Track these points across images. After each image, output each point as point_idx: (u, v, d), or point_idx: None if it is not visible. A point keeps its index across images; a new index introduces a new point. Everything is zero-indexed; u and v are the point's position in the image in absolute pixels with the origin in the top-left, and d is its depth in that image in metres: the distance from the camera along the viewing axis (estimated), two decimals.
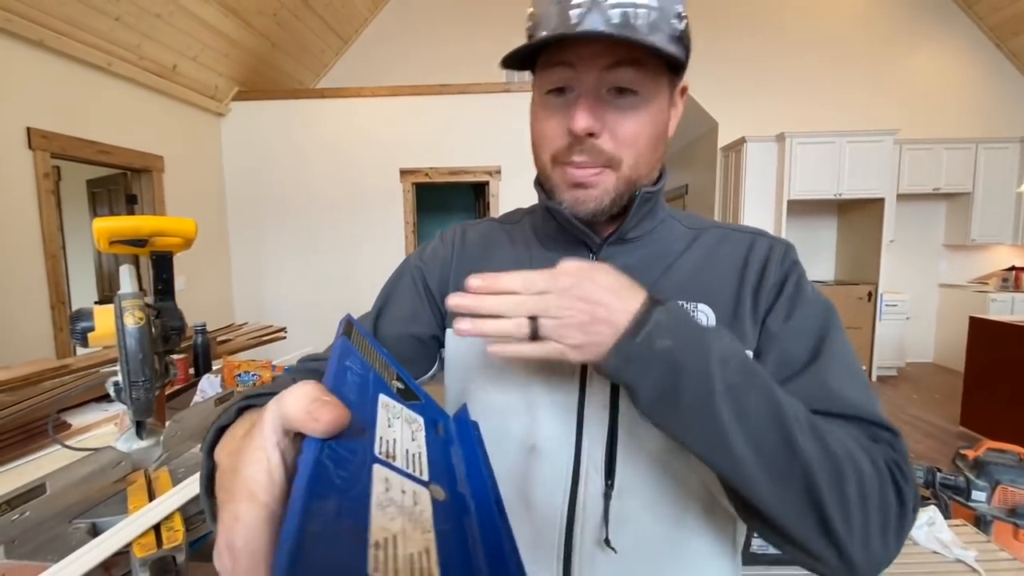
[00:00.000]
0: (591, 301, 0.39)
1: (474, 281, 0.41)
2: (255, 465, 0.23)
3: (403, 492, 0.23)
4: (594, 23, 0.43)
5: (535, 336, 0.40)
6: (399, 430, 0.27)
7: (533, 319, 0.40)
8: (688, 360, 0.38)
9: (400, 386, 0.34)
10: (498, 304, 0.40)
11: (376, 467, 0.23)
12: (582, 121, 0.45)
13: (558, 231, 0.56)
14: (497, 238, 0.63)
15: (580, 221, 0.51)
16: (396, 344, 0.59)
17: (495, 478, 0.30)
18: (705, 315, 0.51)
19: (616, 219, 0.53)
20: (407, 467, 0.25)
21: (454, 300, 0.41)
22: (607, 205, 0.50)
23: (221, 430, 0.35)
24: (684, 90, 0.54)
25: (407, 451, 0.26)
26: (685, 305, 0.51)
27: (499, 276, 0.41)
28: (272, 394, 0.35)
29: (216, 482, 0.31)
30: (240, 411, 0.37)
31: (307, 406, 0.22)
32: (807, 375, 0.47)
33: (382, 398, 0.29)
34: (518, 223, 0.65)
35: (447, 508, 0.24)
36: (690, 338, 0.39)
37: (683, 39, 0.47)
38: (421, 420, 0.31)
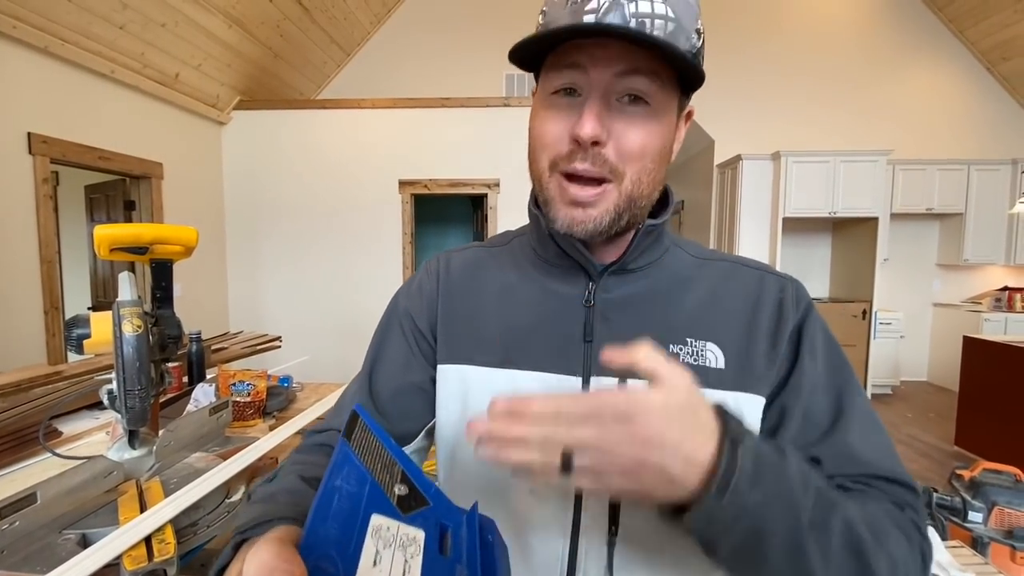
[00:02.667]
0: (643, 442, 0.32)
1: (499, 406, 0.35)
2: None
3: None
4: (613, 21, 0.41)
5: (567, 468, 0.34)
6: (387, 565, 0.25)
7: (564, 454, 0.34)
8: (778, 513, 0.34)
9: (403, 491, 0.31)
10: (525, 434, 0.34)
11: None
12: (589, 128, 0.42)
13: (558, 256, 0.53)
14: (483, 263, 0.60)
15: (579, 242, 0.49)
16: (394, 399, 0.56)
17: None
18: (714, 355, 0.49)
19: (614, 241, 0.51)
20: None
21: (478, 428, 0.35)
22: (606, 226, 0.47)
23: (220, 572, 0.34)
24: (690, 115, 0.52)
25: None
26: (693, 344, 0.49)
27: (529, 401, 0.34)
28: (268, 522, 0.36)
29: None
30: (237, 547, 0.36)
31: None
32: (833, 437, 0.46)
33: (374, 521, 0.27)
34: (507, 245, 0.61)
35: None
36: (778, 484, 0.35)
37: (698, 57, 0.45)
38: (421, 537, 0.28)
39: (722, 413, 0.36)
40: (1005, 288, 4.88)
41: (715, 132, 5.07)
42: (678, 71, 0.45)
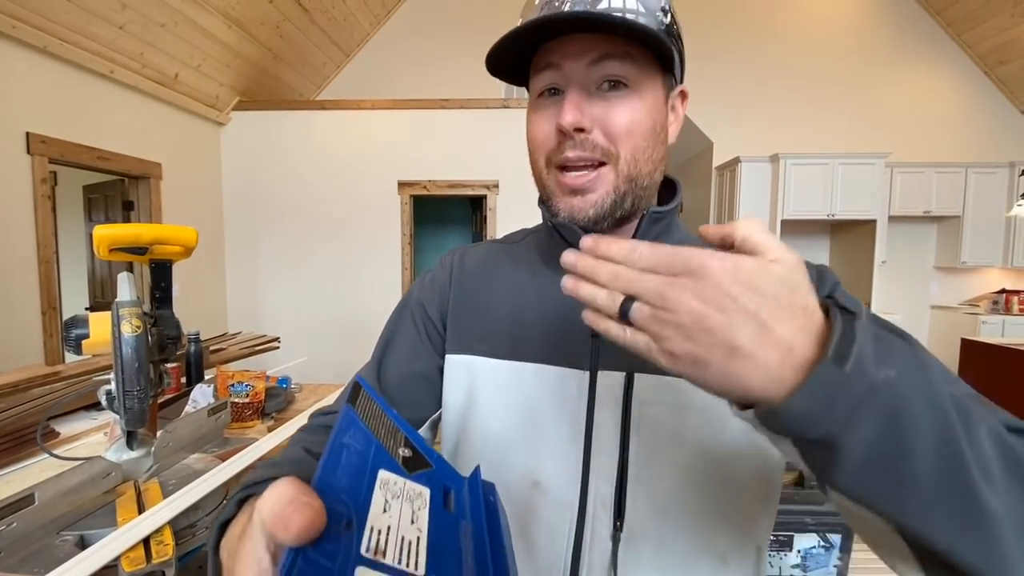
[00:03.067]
0: (708, 300, 0.28)
1: (586, 241, 0.33)
2: (247, 571, 0.22)
3: None
4: (575, 8, 0.42)
5: (625, 318, 0.31)
6: (396, 513, 0.26)
7: (630, 298, 0.31)
8: (920, 399, 0.26)
9: (407, 453, 0.32)
10: (597, 269, 0.32)
11: (360, 570, 0.21)
12: (569, 116, 0.44)
13: (567, 245, 0.53)
14: (497, 259, 0.60)
15: (585, 231, 0.49)
16: (401, 385, 0.57)
17: (511, 555, 0.27)
18: None
19: (621, 228, 0.51)
20: (399, 562, 0.23)
21: (567, 256, 0.34)
22: (609, 207, 0.47)
23: (224, 525, 0.34)
24: (684, 96, 0.52)
25: (403, 539, 0.24)
26: None
27: (607, 240, 0.32)
28: (273, 478, 0.35)
29: None
30: (241, 502, 0.36)
31: (280, 511, 0.21)
32: None
33: (381, 475, 0.27)
34: (520, 242, 0.62)
35: None
36: (913, 368, 0.27)
37: (671, 35, 0.46)
38: (427, 493, 0.29)
39: (834, 302, 0.30)
40: (1002, 290, 4.90)
41: (713, 134, 5.07)
42: (652, 50, 0.45)
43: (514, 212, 4.03)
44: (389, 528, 0.24)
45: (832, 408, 0.26)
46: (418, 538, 0.25)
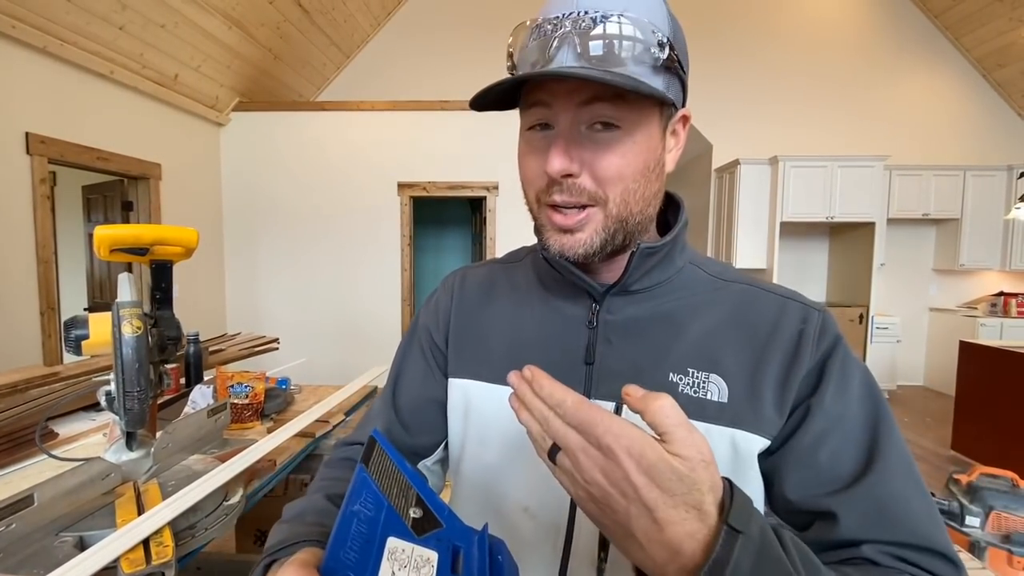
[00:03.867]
0: (615, 483, 0.30)
1: (525, 372, 0.35)
2: None
3: None
4: (565, 59, 0.42)
5: (551, 458, 0.33)
6: None
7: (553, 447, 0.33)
8: None
9: (418, 514, 0.33)
10: (533, 404, 0.34)
11: None
12: (556, 163, 0.43)
13: (561, 277, 0.53)
14: (496, 282, 0.61)
15: (577, 267, 0.49)
16: (414, 413, 0.59)
17: None
18: (717, 387, 0.46)
19: (614, 260, 0.50)
20: None
21: (511, 378, 0.36)
22: (598, 246, 0.46)
23: None
24: (686, 119, 0.50)
25: None
26: (695, 374, 0.47)
27: (547, 382, 0.34)
28: (294, 544, 0.39)
29: None
30: (267, 567, 0.38)
31: None
32: (860, 489, 0.42)
33: (390, 543, 0.29)
34: (520, 262, 0.63)
35: None
36: None
37: (670, 67, 0.44)
38: (435, 558, 0.30)
39: (731, 495, 0.32)
40: (1001, 293, 4.91)
41: (713, 137, 5.08)
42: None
43: (514, 213, 4.03)
44: None
45: None
46: None
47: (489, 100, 0.46)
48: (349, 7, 4.61)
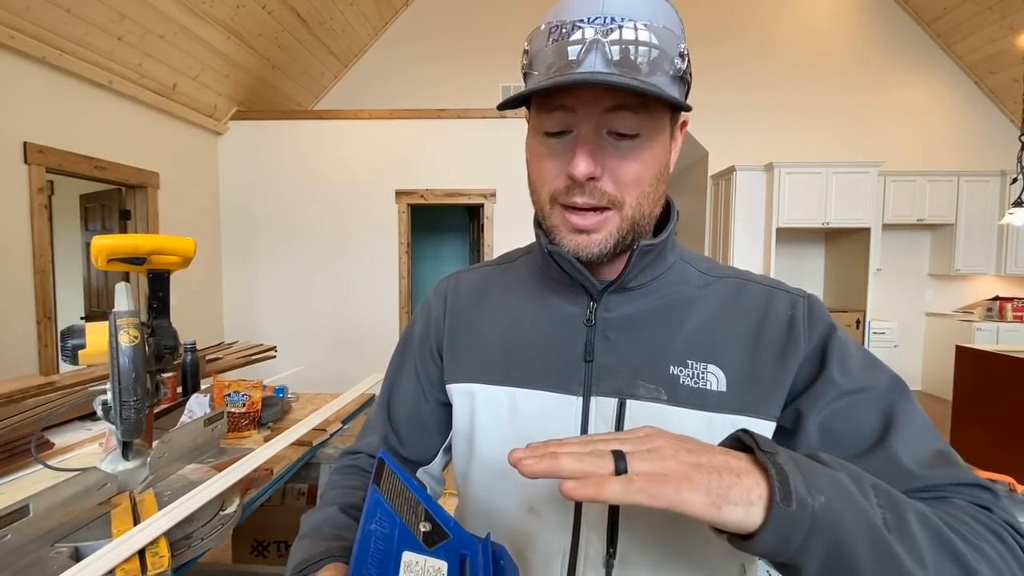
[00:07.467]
0: (686, 445, 0.34)
1: (518, 451, 0.34)
2: None
3: None
4: (594, 63, 0.41)
5: (620, 467, 0.32)
6: None
7: (616, 453, 0.33)
8: (849, 516, 0.31)
9: (427, 528, 0.36)
10: (559, 447, 0.34)
11: None
12: (583, 167, 0.43)
13: (560, 274, 0.53)
14: (490, 282, 0.61)
15: (583, 264, 0.49)
16: (408, 426, 0.60)
17: None
18: (715, 377, 0.48)
19: (614, 259, 0.51)
20: None
21: (515, 455, 0.34)
22: (611, 247, 0.48)
23: None
24: (684, 124, 0.52)
25: None
26: (694, 366, 0.48)
27: (535, 446, 0.34)
28: (320, 562, 0.41)
29: None
30: None
31: None
32: (880, 452, 0.42)
33: (405, 558, 0.32)
34: (514, 263, 0.63)
35: None
36: (833, 485, 0.32)
37: (684, 78, 0.45)
38: (444, 567, 0.33)
39: (738, 439, 0.36)
40: (996, 298, 4.93)
41: (709, 144, 5.12)
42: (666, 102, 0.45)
43: (511, 220, 4.04)
44: None
45: (789, 544, 0.31)
46: None
47: (510, 100, 0.47)
48: (347, 17, 4.64)
